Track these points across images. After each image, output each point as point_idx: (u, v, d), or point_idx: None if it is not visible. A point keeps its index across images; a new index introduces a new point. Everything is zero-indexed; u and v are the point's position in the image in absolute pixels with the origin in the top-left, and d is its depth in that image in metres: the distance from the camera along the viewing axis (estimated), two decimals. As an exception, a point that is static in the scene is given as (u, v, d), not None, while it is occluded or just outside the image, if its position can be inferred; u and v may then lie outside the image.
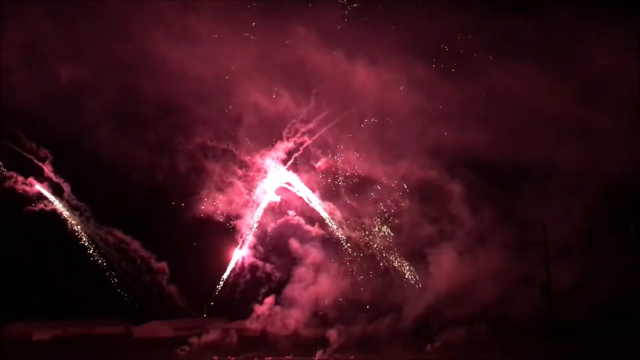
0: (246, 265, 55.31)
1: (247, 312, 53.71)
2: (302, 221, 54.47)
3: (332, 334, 49.81)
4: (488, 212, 51.20)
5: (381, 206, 54.89)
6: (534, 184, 52.31)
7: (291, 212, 54.54)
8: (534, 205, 51.38)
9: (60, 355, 48.68)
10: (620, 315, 46.80)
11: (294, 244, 53.91)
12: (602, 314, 48.02)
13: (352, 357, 45.34)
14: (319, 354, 46.13)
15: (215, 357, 47.84)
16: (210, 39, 51.15)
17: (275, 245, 55.21)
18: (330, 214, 54.53)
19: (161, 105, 51.51)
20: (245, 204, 54.16)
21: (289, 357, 46.35)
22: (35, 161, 52.75)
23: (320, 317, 52.05)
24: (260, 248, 55.22)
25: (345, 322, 50.90)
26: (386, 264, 54.47)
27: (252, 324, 53.12)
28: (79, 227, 55.01)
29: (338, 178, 54.96)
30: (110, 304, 55.59)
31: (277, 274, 54.52)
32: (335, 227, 54.77)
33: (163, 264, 55.13)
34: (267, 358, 46.68)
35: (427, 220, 52.98)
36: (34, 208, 52.86)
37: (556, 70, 50.34)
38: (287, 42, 51.10)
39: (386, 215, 54.87)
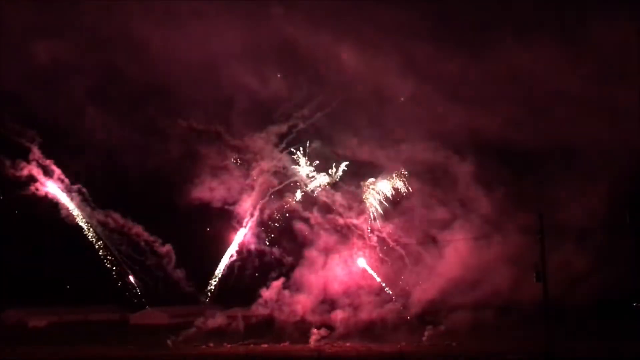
0: (247, 250, 56.34)
1: (249, 298, 54.66)
2: (300, 207, 55.75)
3: (336, 320, 51.03)
4: (497, 196, 51.82)
5: (386, 191, 55.73)
6: (546, 167, 52.77)
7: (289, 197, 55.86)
8: (547, 189, 51.85)
9: (56, 342, 49.48)
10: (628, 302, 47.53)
11: (298, 229, 55.33)
12: (610, 301, 48.73)
13: (347, 344, 46.64)
14: (313, 340, 47.52)
15: (211, 344, 49.30)
16: (196, 18, 52.08)
17: (275, 231, 56.40)
18: (329, 199, 55.45)
19: (150, 88, 52.35)
20: (242, 188, 55.00)
21: (285, 344, 47.77)
22: (23, 143, 52.35)
23: (327, 303, 52.59)
24: (261, 233, 56.25)
25: (351, 307, 51.76)
26: (389, 248, 55.26)
27: (257, 310, 54.07)
28: (74, 211, 54.97)
29: (339, 162, 55.90)
30: (106, 290, 56.49)
31: (281, 260, 55.65)
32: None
33: (168, 247, 55.40)
34: (263, 345, 48.12)
35: (435, 205, 53.65)
36: (25, 192, 52.58)
37: (574, 46, 50.02)
38: (276, 22, 51.93)
39: (392, 200, 55.67)
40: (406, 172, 54.70)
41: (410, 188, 54.77)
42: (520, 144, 51.41)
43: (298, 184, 55.60)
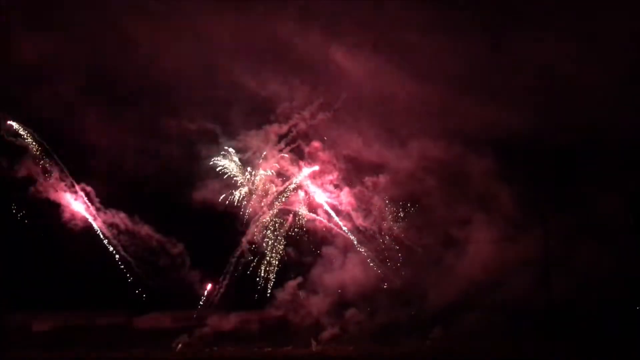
0: (259, 252, 56.73)
1: (261, 301, 55.78)
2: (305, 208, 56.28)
3: (348, 320, 52.52)
4: (519, 194, 52.38)
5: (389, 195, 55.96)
6: (569, 164, 53.10)
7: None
8: (570, 186, 52.10)
9: (59, 346, 51.71)
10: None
11: (307, 230, 56.14)
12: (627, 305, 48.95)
13: (350, 348, 47.62)
14: (314, 344, 48.52)
15: (215, 348, 50.69)
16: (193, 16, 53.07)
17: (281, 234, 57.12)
18: (334, 199, 56.04)
19: (150, 87, 53.22)
20: (244, 189, 55.91)
21: (288, 348, 48.88)
22: (20, 143, 52.82)
23: (342, 305, 53.62)
24: (267, 236, 56.97)
25: (366, 309, 53.17)
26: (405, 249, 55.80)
27: (270, 312, 54.99)
28: (77, 211, 55.00)
29: (340, 162, 55.92)
30: (111, 293, 57.00)
31: (293, 261, 56.06)
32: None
33: (181, 248, 55.50)
34: (267, 349, 49.31)
35: (453, 203, 54.27)
36: (25, 193, 52.85)
37: (600, 38, 50.26)
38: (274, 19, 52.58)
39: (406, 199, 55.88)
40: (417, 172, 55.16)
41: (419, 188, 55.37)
42: (542, 140, 52.03)
43: (299, 185, 56.30)
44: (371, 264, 55.13)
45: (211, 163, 55.41)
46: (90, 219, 55.60)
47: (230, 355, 49.03)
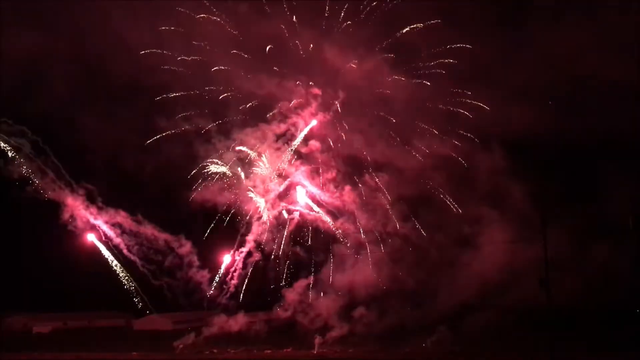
0: (267, 252, 56.99)
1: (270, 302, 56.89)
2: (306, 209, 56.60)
3: (355, 320, 52.73)
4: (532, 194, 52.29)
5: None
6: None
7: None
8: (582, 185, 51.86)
9: (60, 348, 51.46)
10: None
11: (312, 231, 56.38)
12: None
13: (350, 350, 47.66)
14: (316, 345, 48.64)
15: (215, 350, 50.89)
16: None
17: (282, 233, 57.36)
18: (336, 200, 56.19)
19: (147, 88, 54.12)
20: (244, 189, 56.24)
21: (289, 350, 49.02)
22: (18, 143, 52.22)
23: (348, 307, 53.86)
24: (273, 235, 57.13)
25: (374, 310, 53.33)
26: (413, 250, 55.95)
27: (278, 313, 55.68)
28: (77, 212, 54.30)
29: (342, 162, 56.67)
30: (111, 296, 57.35)
31: (301, 261, 56.76)
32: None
33: (188, 247, 55.49)
34: (267, 351, 49.47)
35: (464, 204, 54.79)
36: (25, 194, 52.16)
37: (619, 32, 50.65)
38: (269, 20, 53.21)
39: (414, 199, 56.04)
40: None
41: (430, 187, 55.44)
42: (552, 139, 52.31)
43: (301, 184, 56.51)
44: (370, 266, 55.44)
45: (211, 163, 55.65)
46: (91, 219, 55.76)
47: (230, 357, 49.01)
